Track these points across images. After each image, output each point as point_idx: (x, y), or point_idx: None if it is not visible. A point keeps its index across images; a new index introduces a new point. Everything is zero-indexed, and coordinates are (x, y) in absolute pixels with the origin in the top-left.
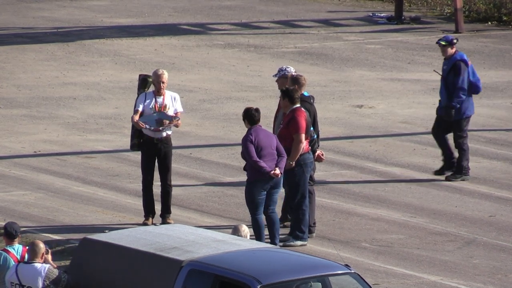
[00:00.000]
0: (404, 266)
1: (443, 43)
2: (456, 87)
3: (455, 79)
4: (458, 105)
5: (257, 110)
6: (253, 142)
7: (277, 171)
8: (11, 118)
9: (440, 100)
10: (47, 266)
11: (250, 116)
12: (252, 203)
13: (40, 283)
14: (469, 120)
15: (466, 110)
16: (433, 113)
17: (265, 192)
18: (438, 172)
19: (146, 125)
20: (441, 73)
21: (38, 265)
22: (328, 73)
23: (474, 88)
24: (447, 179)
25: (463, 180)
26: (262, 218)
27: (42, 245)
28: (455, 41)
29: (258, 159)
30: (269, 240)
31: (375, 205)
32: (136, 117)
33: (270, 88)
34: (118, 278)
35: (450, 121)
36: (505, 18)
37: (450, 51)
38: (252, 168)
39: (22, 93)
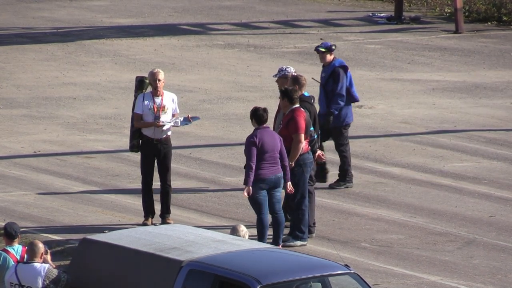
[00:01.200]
0: (404, 266)
1: (322, 49)
2: (335, 93)
3: (334, 85)
4: (337, 112)
5: (265, 110)
6: (256, 144)
7: (289, 187)
8: (11, 118)
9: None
10: (47, 266)
11: (259, 116)
12: (254, 203)
13: (40, 283)
14: (348, 128)
15: (345, 118)
16: (433, 113)
17: (265, 192)
18: (336, 184)
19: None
20: (319, 81)
21: (37, 265)
22: None
23: (352, 97)
24: (331, 186)
25: (347, 187)
26: (267, 218)
27: (41, 245)
28: (334, 47)
29: (253, 167)
30: (271, 241)
31: (375, 205)
32: (140, 122)
33: (270, 88)
34: (118, 278)
35: (329, 129)
36: (505, 18)
37: (329, 57)
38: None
39: (22, 93)
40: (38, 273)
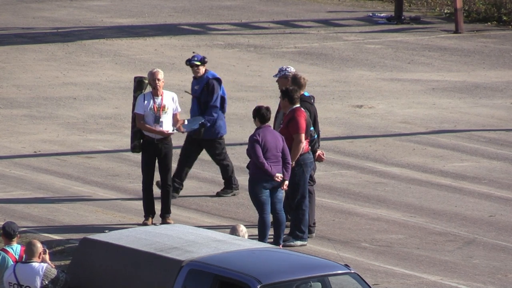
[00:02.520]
0: (404, 266)
1: (197, 63)
2: (209, 105)
3: (209, 97)
4: (209, 124)
5: (268, 109)
6: (259, 143)
7: (285, 186)
8: (11, 118)
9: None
10: (45, 265)
11: (262, 115)
12: (257, 202)
13: (39, 283)
14: (222, 139)
15: (220, 130)
16: (433, 113)
17: (268, 191)
18: (223, 192)
19: (185, 129)
20: (191, 93)
21: (36, 264)
22: (328, 73)
23: (223, 109)
24: (218, 194)
25: (234, 194)
26: (269, 218)
27: (39, 245)
28: (206, 60)
29: (264, 161)
30: (271, 240)
31: (375, 205)
32: (143, 124)
33: (270, 88)
34: (118, 278)
35: (201, 140)
36: (505, 18)
37: (202, 70)
38: (255, 167)
39: (22, 93)
40: (37, 273)
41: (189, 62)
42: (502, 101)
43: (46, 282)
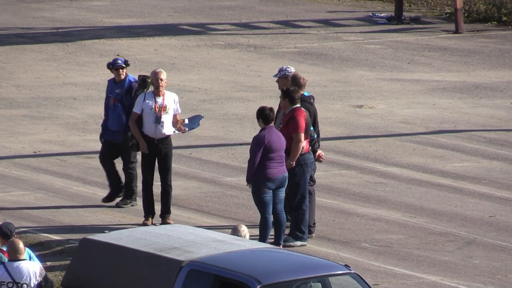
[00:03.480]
0: (404, 266)
1: (124, 65)
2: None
3: (133, 101)
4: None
5: (271, 109)
6: (264, 144)
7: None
8: (11, 118)
9: (105, 124)
10: (39, 263)
11: (266, 116)
12: (259, 202)
13: (34, 280)
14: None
15: None
16: (433, 113)
17: (271, 191)
18: (107, 199)
19: (187, 128)
20: (112, 96)
21: (29, 262)
22: (328, 73)
23: None
24: (117, 205)
25: (133, 205)
26: (271, 218)
27: (21, 242)
28: (129, 62)
29: (256, 164)
30: (272, 241)
31: (375, 205)
32: (133, 124)
33: (270, 88)
34: (118, 278)
35: (122, 145)
36: (505, 18)
37: (124, 73)
38: (256, 167)
39: (22, 93)
40: (32, 270)
41: (113, 65)
42: (502, 101)
43: (41, 280)
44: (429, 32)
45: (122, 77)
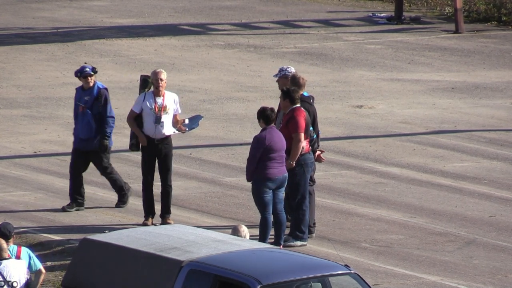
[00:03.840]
0: (404, 267)
1: (92, 73)
2: (106, 116)
3: (104, 108)
4: (111, 134)
5: (272, 110)
6: (265, 144)
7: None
8: (11, 118)
9: (76, 133)
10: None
11: (267, 116)
12: (260, 202)
13: (24, 277)
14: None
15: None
16: (433, 113)
17: (271, 192)
18: (120, 203)
19: (187, 128)
20: (81, 104)
21: (17, 260)
22: (328, 73)
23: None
24: (117, 205)
25: (78, 210)
26: (271, 218)
27: (3, 241)
28: (97, 70)
29: (255, 164)
30: (272, 241)
31: (375, 205)
32: (132, 123)
33: (270, 88)
34: (118, 278)
35: (87, 152)
36: (505, 18)
37: (94, 80)
38: (257, 167)
39: (22, 93)
40: (22, 268)
41: (81, 73)
42: (502, 101)
43: (28, 277)
44: (429, 32)
45: (91, 84)
